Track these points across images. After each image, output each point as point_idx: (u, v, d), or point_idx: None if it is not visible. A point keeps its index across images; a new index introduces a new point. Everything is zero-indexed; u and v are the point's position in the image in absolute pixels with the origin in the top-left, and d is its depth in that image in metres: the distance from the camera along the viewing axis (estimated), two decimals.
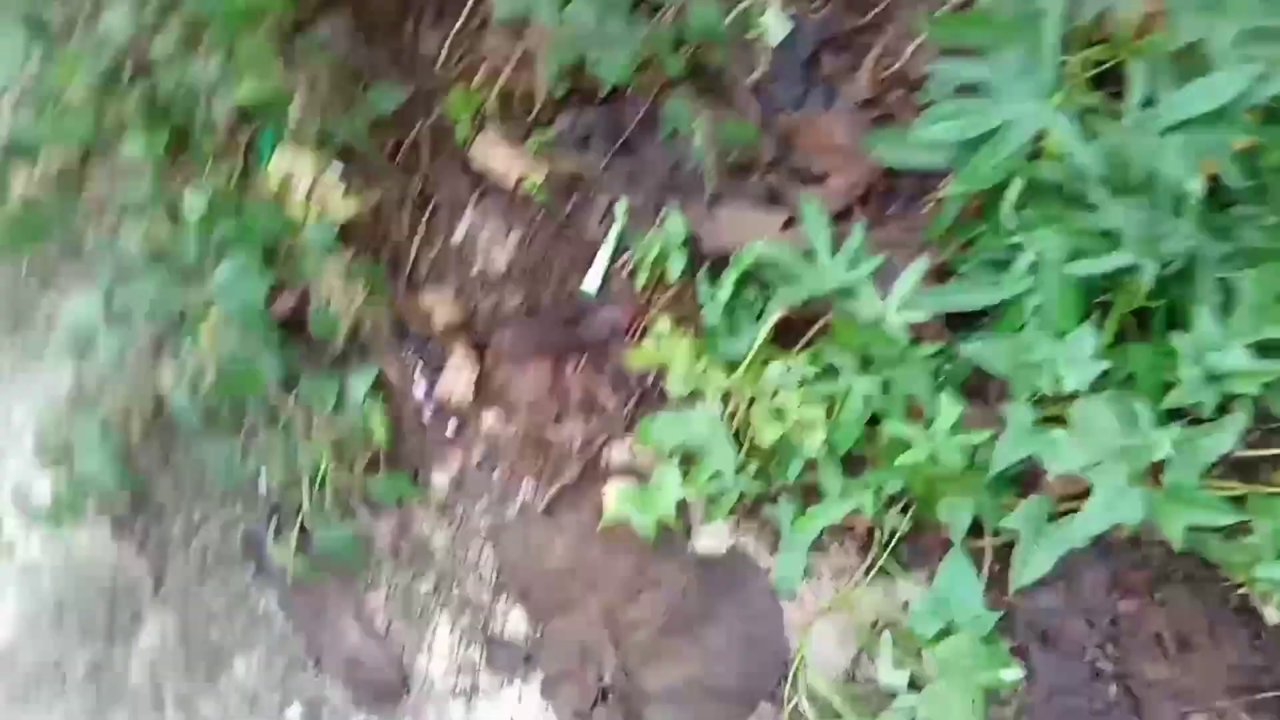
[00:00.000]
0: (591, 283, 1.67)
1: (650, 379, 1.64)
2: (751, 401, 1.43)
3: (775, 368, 1.44)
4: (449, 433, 1.66)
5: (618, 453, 1.62)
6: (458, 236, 1.75)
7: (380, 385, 1.64)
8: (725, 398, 1.43)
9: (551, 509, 1.60)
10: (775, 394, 1.41)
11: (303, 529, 1.51)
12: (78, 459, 1.41)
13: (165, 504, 1.64)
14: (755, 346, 1.47)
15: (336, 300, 1.48)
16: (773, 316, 1.47)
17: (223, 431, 1.56)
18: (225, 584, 1.62)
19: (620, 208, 1.68)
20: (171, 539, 1.64)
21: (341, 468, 1.51)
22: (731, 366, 1.49)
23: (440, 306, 1.64)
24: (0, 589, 1.61)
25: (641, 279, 1.63)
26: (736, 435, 1.47)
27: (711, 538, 1.58)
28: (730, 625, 1.54)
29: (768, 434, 1.38)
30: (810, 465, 1.46)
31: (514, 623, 1.57)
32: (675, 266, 1.59)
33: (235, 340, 1.35)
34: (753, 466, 1.47)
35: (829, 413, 1.41)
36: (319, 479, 1.53)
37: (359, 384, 1.57)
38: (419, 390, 1.66)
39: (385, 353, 1.64)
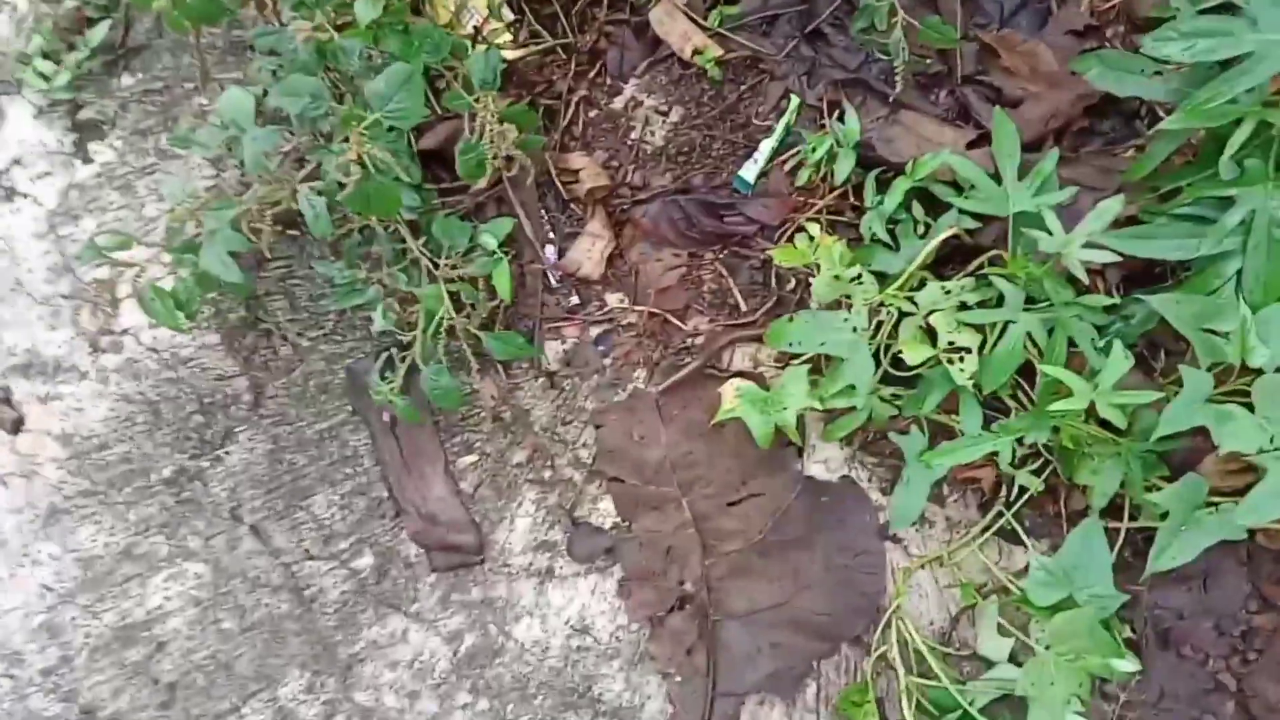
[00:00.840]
0: (748, 173, 1.73)
1: (790, 285, 1.70)
2: (900, 320, 1.48)
3: (933, 287, 1.48)
4: (570, 304, 1.75)
5: (742, 355, 1.69)
6: (619, 102, 1.84)
7: (511, 241, 1.74)
8: (872, 312, 1.48)
9: (662, 400, 1.68)
10: (929, 315, 1.46)
11: (410, 371, 1.62)
12: (202, 256, 1.55)
13: (278, 325, 1.78)
14: (917, 261, 1.51)
15: (486, 141, 1.57)
16: (943, 233, 1.51)
17: (348, 257, 1.68)
18: (322, 414, 1.75)
19: (794, 100, 1.73)
20: (278, 361, 1.79)
21: (459, 316, 1.61)
22: (884, 282, 1.54)
23: (588, 170, 1.73)
24: (101, 381, 1.77)
25: (803, 177, 1.68)
26: (876, 356, 1.52)
27: (826, 460, 1.64)
28: (828, 556, 1.60)
29: (915, 355, 1.43)
30: (949, 401, 1.50)
31: (602, 511, 1.66)
32: (842, 169, 1.64)
33: (380, 155, 1.45)
34: (887, 391, 1.52)
35: (983, 346, 1.46)
36: (435, 324, 1.63)
37: (492, 234, 1.67)
38: (549, 254, 1.75)
39: (523, 208, 1.74)
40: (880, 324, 1.51)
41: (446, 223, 1.67)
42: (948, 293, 1.49)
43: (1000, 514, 1.57)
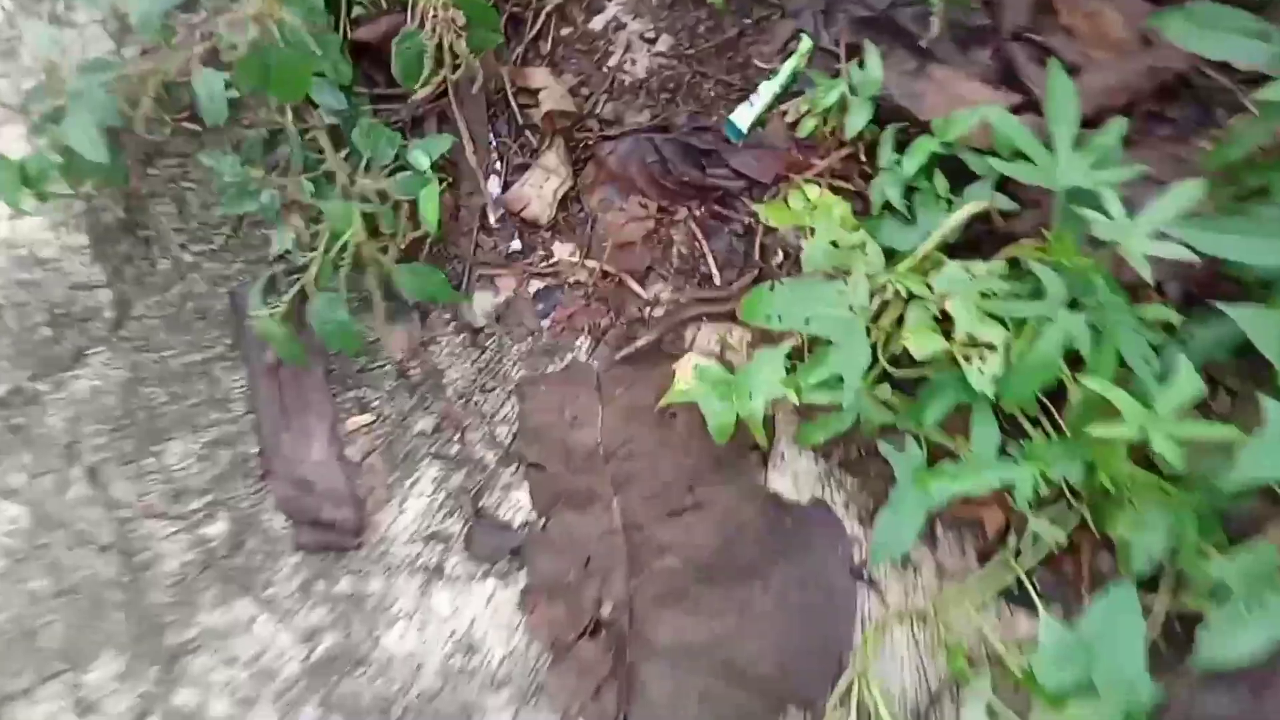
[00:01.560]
0: (742, 118, 1.39)
1: (778, 260, 1.35)
2: (908, 302, 1.13)
3: (955, 267, 1.13)
4: (510, 250, 1.40)
5: (708, 337, 1.34)
6: (599, 21, 1.49)
7: (448, 165, 1.39)
8: (874, 293, 1.13)
9: (605, 377, 1.33)
10: (944, 300, 1.11)
11: (303, 300, 1.27)
12: (64, 125, 1.20)
13: (159, 233, 1.43)
14: (936, 237, 1.16)
15: (429, 32, 1.23)
16: (972, 206, 1.16)
17: (246, 152, 1.33)
18: (195, 344, 1.39)
19: (805, 42, 1.39)
20: (154, 276, 1.42)
21: (371, 244, 1.26)
22: (893, 260, 1.19)
23: (551, 91, 1.38)
24: None
25: (806, 128, 1.34)
26: (873, 347, 1.17)
27: (796, 475, 1.28)
28: (785, 592, 1.24)
29: (922, 346, 1.07)
30: (959, 413, 1.15)
31: (514, 503, 1.30)
32: (854, 122, 1.29)
33: (290, 21, 1.11)
34: (882, 391, 1.17)
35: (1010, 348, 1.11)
36: (339, 247, 1.29)
37: (425, 151, 1.32)
38: (492, 187, 1.41)
39: (468, 125, 1.39)
40: (883, 307, 1.16)
41: (372, 128, 1.32)
42: (972, 276, 1.14)
43: (1006, 566, 1.21)
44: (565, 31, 1.48)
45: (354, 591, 1.29)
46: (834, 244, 1.16)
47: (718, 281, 1.38)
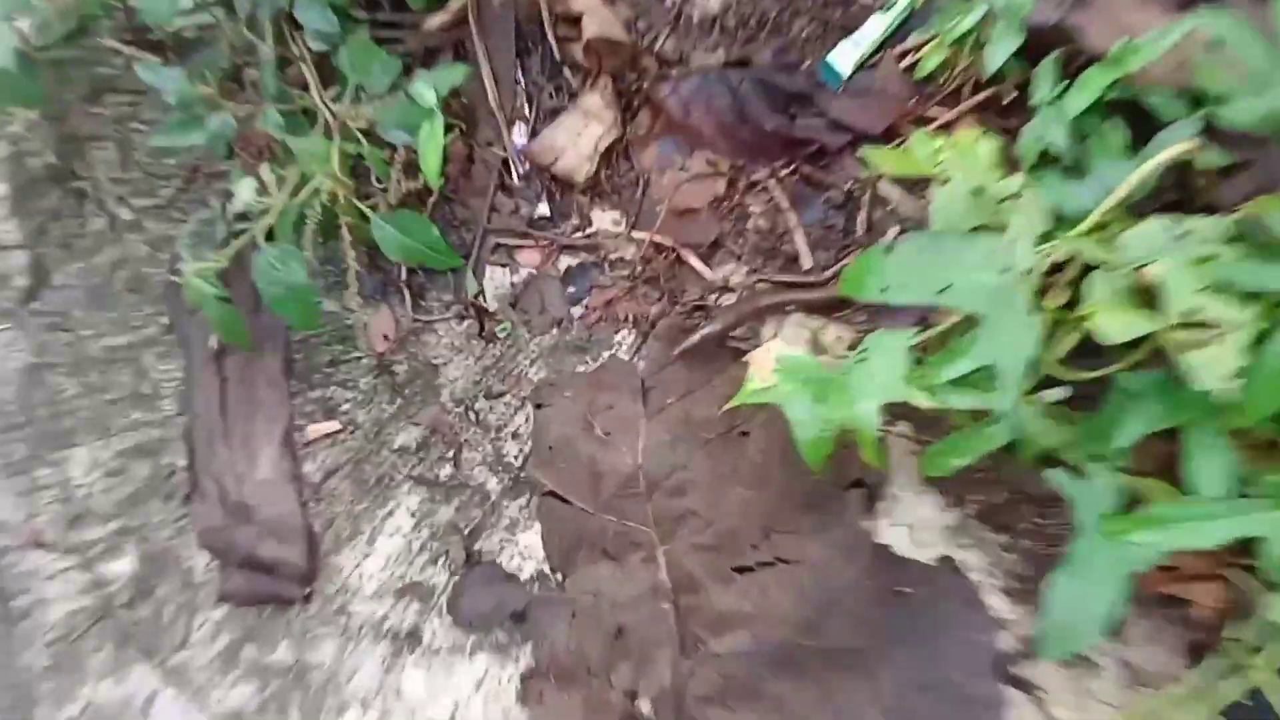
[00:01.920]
0: (843, 58, 1.17)
1: (889, 236, 1.12)
2: (1082, 274, 0.88)
3: (1154, 224, 0.88)
4: (536, 215, 1.19)
5: (792, 331, 1.10)
6: None
7: (463, 109, 1.20)
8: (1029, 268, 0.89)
9: (651, 382, 1.10)
10: (1141, 269, 0.86)
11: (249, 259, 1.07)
12: None
13: (95, 185, 1.25)
14: (1121, 193, 0.91)
15: None
16: (1172, 149, 0.92)
17: (195, 68, 1.15)
18: (123, 323, 1.19)
19: None
20: (83, 238, 1.24)
21: (346, 191, 1.06)
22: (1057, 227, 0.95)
23: (595, 16, 1.18)
24: None
25: (929, 65, 1.11)
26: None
27: (913, 525, 1.03)
28: (901, 696, 0.96)
29: (1115, 327, 0.82)
30: (1158, 439, 0.88)
31: (521, 548, 1.05)
32: (997, 53, 1.06)
33: None
34: (1056, 395, 0.91)
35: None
36: (309, 195, 1.09)
37: (432, 84, 1.13)
38: (517, 136, 1.21)
39: (488, 55, 1.20)
40: (1045, 286, 0.91)
41: (362, 47, 1.14)
42: (1183, 233, 0.90)
43: (1233, 669, 0.93)
44: None
45: (295, 662, 1.04)
46: (977, 192, 0.93)
47: (807, 263, 1.14)
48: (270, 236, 1.09)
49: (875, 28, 1.20)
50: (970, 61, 1.12)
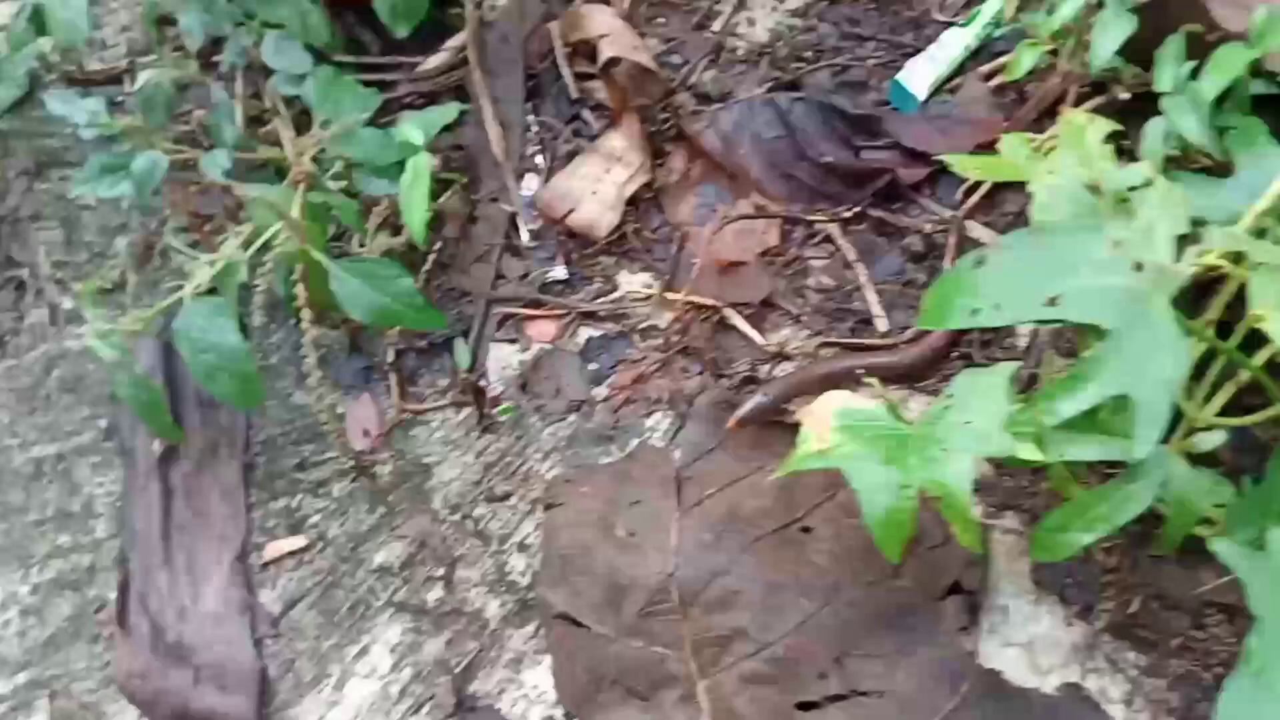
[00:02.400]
0: (918, 77, 1.12)
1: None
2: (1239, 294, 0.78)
3: None
4: (549, 277, 1.13)
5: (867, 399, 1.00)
6: None
7: (463, 160, 1.17)
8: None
9: (689, 473, 0.99)
10: None
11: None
12: None
13: (32, 275, 1.22)
14: (1277, 188, 0.82)
15: None
16: None
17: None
18: (54, 430, 1.11)
19: None
20: (16, 335, 1.20)
21: (319, 245, 1.01)
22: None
23: (615, 38, 1.14)
24: None
25: (1021, 66, 1.04)
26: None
27: (1031, 641, 0.90)
28: None
29: None
30: None
31: (527, 688, 0.93)
32: (1104, 45, 0.99)
33: None
34: (1213, 441, 0.78)
35: None
36: (261, 251, 1.04)
37: (420, 126, 1.10)
38: (528, 188, 1.16)
39: (494, 102, 1.16)
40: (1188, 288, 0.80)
41: (331, 79, 1.11)
42: None
43: None
44: None
45: None
46: (1091, 187, 0.84)
47: (883, 325, 1.05)
48: None
49: (955, 43, 1.15)
50: (1071, 66, 1.06)
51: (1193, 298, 0.84)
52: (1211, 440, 0.77)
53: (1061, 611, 0.93)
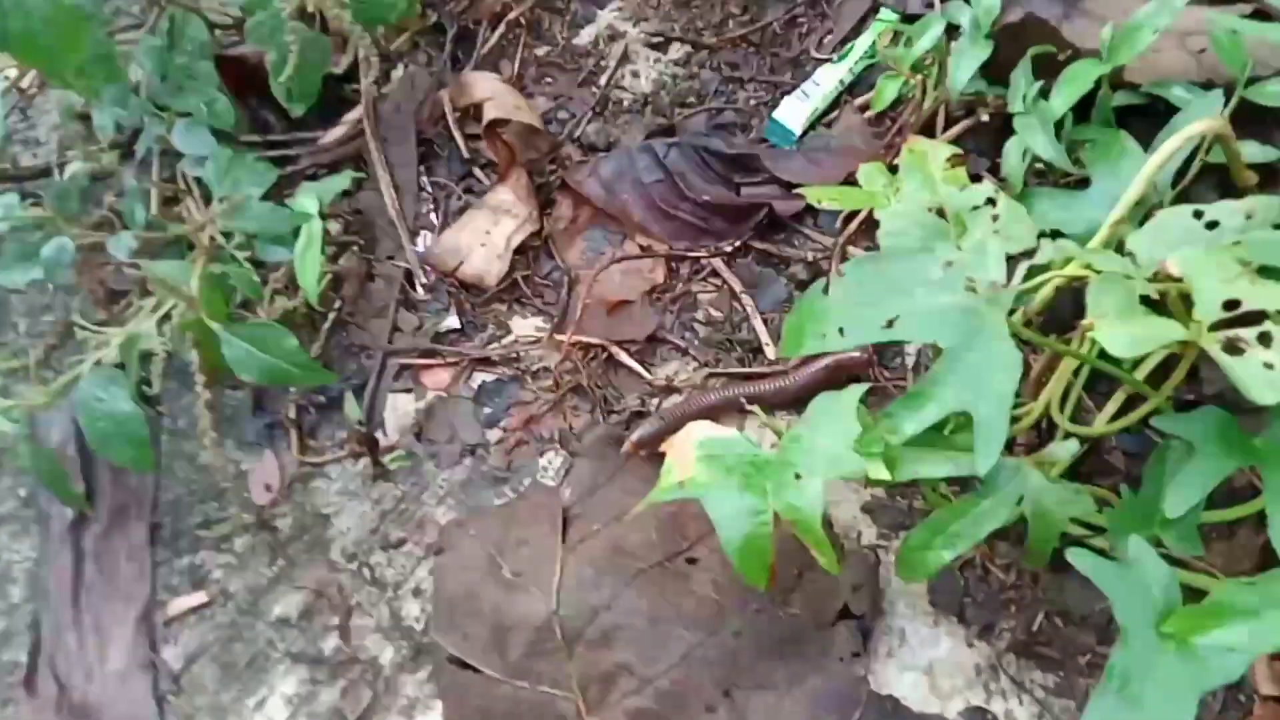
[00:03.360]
0: (793, 113, 1.04)
1: None
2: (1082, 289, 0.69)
3: (1170, 215, 0.69)
4: (440, 328, 1.03)
5: (755, 428, 0.90)
6: (587, 34, 1.19)
7: (361, 224, 1.08)
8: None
9: (578, 510, 0.89)
10: (1158, 269, 0.66)
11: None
12: None
13: None
14: (1133, 194, 0.73)
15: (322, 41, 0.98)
16: (1192, 128, 0.74)
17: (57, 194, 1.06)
18: None
19: (885, 13, 1.07)
20: None
21: (219, 313, 0.93)
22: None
23: (498, 101, 1.06)
24: None
25: (884, 97, 0.96)
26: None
27: (930, 663, 0.80)
28: None
29: (1122, 337, 0.61)
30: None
31: None
32: (961, 70, 0.92)
33: None
34: (1068, 450, 0.69)
35: None
36: (162, 322, 0.96)
37: (315, 194, 1.02)
38: (423, 242, 1.08)
39: (389, 168, 1.09)
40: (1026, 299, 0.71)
41: (229, 157, 1.03)
42: (1211, 225, 0.70)
43: None
44: (541, 51, 1.21)
45: None
46: (935, 209, 0.75)
47: (771, 353, 0.97)
48: None
49: (829, 79, 1.07)
50: (938, 92, 0.98)
51: None
52: (1066, 450, 0.68)
53: (961, 632, 0.83)
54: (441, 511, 0.95)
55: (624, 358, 0.98)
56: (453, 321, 1.04)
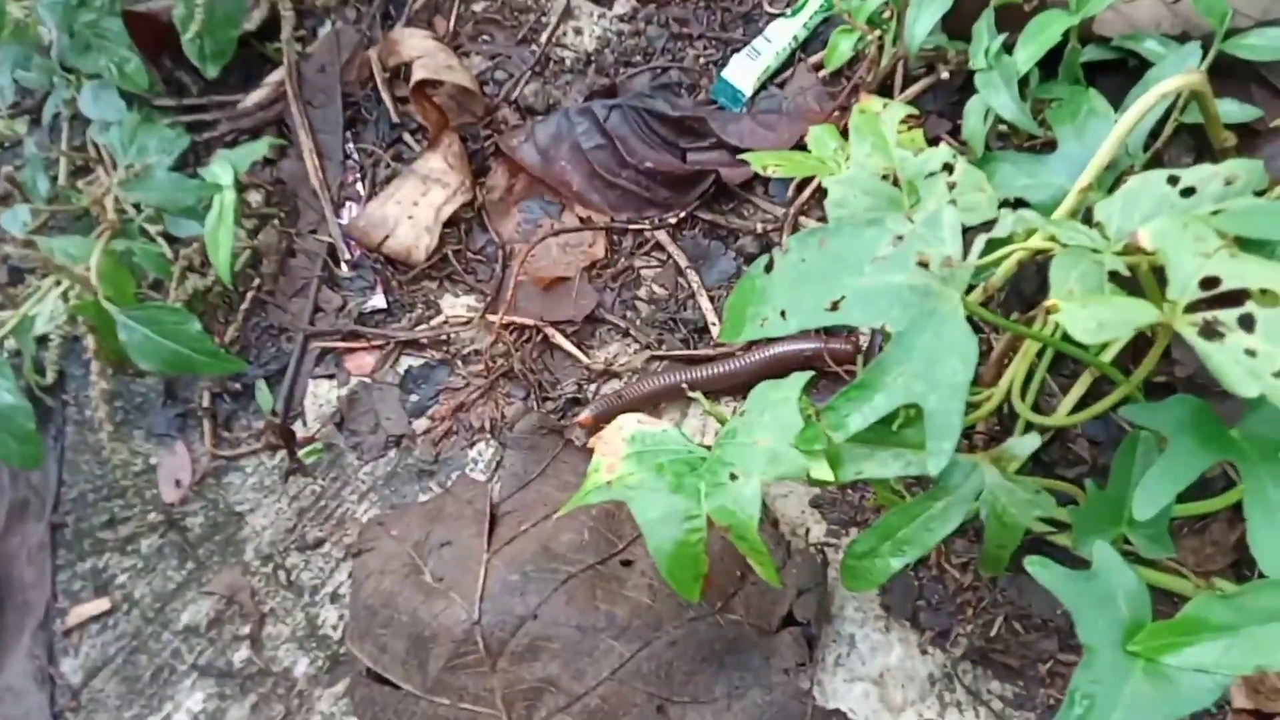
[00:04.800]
0: (741, 74, 0.97)
1: None
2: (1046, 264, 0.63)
3: (1141, 181, 0.63)
4: (366, 308, 0.96)
5: (698, 424, 0.84)
6: None
7: (283, 194, 1.01)
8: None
9: (509, 506, 0.82)
10: (1129, 240, 0.60)
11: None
12: None
13: None
14: (1103, 157, 0.67)
15: None
16: (1165, 84, 0.68)
17: None
18: None
19: None
20: None
21: (118, 294, 0.86)
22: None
23: (428, 60, 0.99)
24: None
25: (837, 56, 0.89)
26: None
27: (882, 672, 0.74)
28: None
29: (1086, 324, 0.55)
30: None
31: None
32: (919, 25, 0.84)
33: None
34: (1027, 445, 0.63)
35: None
36: (54, 304, 0.90)
37: (230, 162, 0.95)
38: (348, 214, 1.01)
39: (312, 133, 1.01)
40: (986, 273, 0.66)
41: (136, 123, 0.96)
42: (1187, 192, 0.64)
43: None
44: (479, 6, 1.13)
45: None
46: (886, 176, 0.69)
47: (717, 331, 0.91)
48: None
49: (782, 35, 1.00)
50: (897, 48, 0.91)
51: None
52: (1025, 446, 0.62)
53: (915, 639, 0.77)
54: (363, 508, 0.89)
55: (560, 340, 0.91)
56: (378, 301, 0.97)
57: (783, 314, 0.63)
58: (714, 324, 0.91)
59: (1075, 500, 0.71)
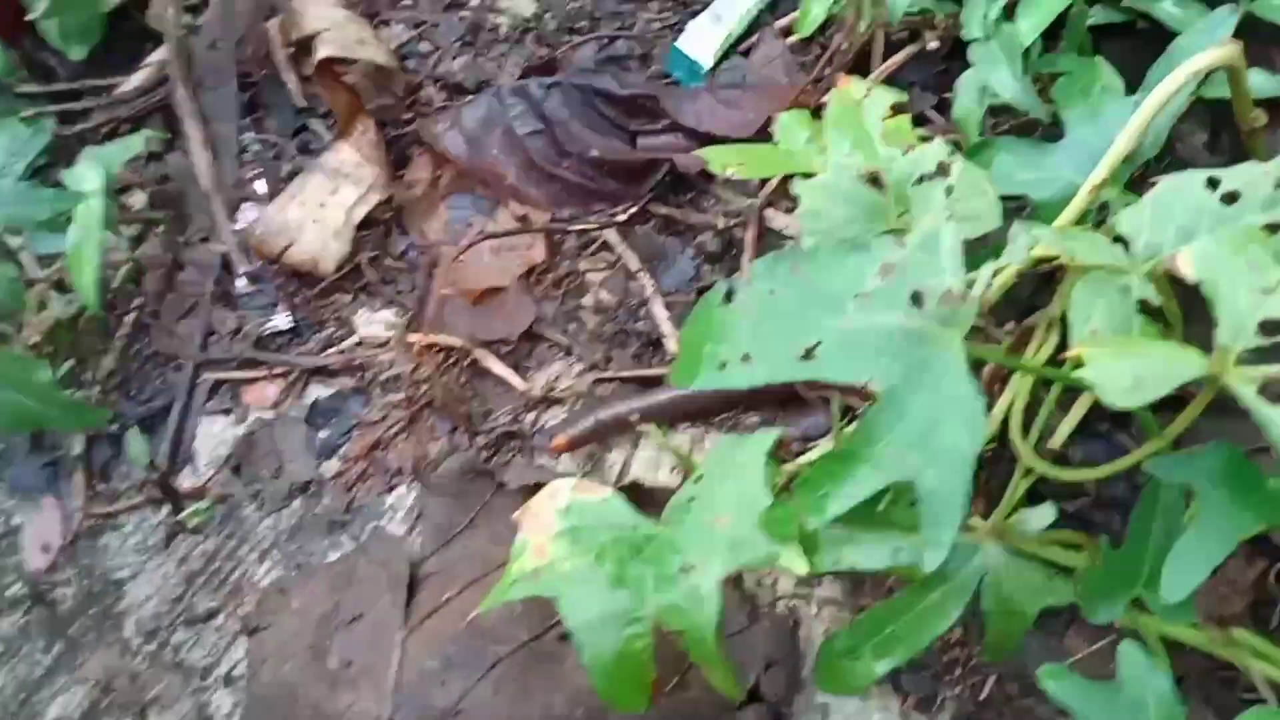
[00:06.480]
0: (699, 43, 0.87)
1: None
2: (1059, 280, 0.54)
3: (1174, 185, 0.54)
4: (267, 329, 0.87)
5: (649, 457, 0.76)
6: None
7: (167, 196, 0.92)
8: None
9: (432, 566, 0.73)
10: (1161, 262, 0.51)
11: None
12: None
13: None
14: (1122, 147, 0.58)
15: None
16: (1197, 60, 0.58)
17: None
18: None
19: None
20: None
21: None
22: None
23: (335, 33, 0.89)
24: None
25: (809, 21, 0.80)
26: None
27: None
28: None
29: (1117, 383, 0.46)
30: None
31: None
32: None
33: None
34: (1043, 518, 0.54)
35: None
36: None
37: (99, 162, 0.84)
38: (245, 216, 0.92)
39: (203, 121, 0.92)
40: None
41: None
42: (1230, 198, 0.54)
43: None
44: None
45: None
46: (871, 178, 0.60)
47: (673, 345, 0.81)
48: None
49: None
50: (875, 13, 0.82)
51: None
52: (1039, 518, 0.53)
53: (896, 705, 0.69)
54: (264, 569, 0.79)
55: (492, 363, 0.82)
56: (281, 321, 0.87)
57: (746, 358, 0.54)
58: (669, 335, 0.81)
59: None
